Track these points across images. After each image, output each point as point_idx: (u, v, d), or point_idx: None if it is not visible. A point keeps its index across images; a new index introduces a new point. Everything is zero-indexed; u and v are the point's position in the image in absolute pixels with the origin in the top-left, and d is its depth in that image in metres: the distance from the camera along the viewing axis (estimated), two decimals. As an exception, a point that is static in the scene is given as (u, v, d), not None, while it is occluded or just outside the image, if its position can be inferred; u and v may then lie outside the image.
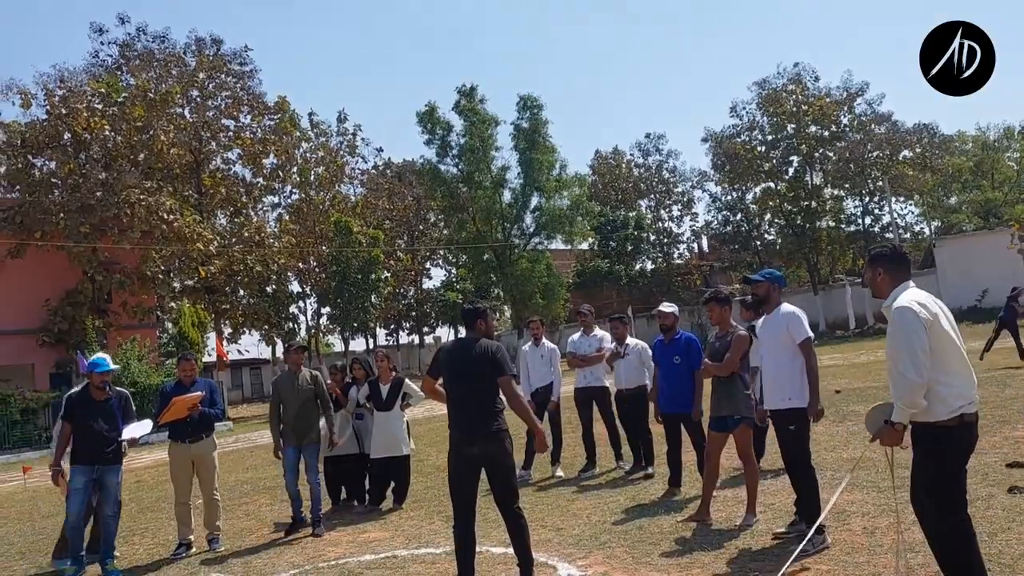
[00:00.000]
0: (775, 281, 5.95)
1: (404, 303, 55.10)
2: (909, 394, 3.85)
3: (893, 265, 4.24)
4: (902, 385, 3.87)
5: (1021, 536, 5.02)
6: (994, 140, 62.08)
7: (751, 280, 6.07)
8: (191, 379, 7.76)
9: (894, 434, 3.96)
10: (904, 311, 3.94)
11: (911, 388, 3.84)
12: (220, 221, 36.06)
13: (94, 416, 7.08)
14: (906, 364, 3.86)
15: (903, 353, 3.88)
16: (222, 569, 6.67)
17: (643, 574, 5.26)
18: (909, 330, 3.90)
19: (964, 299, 35.34)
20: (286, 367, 8.34)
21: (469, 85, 41.32)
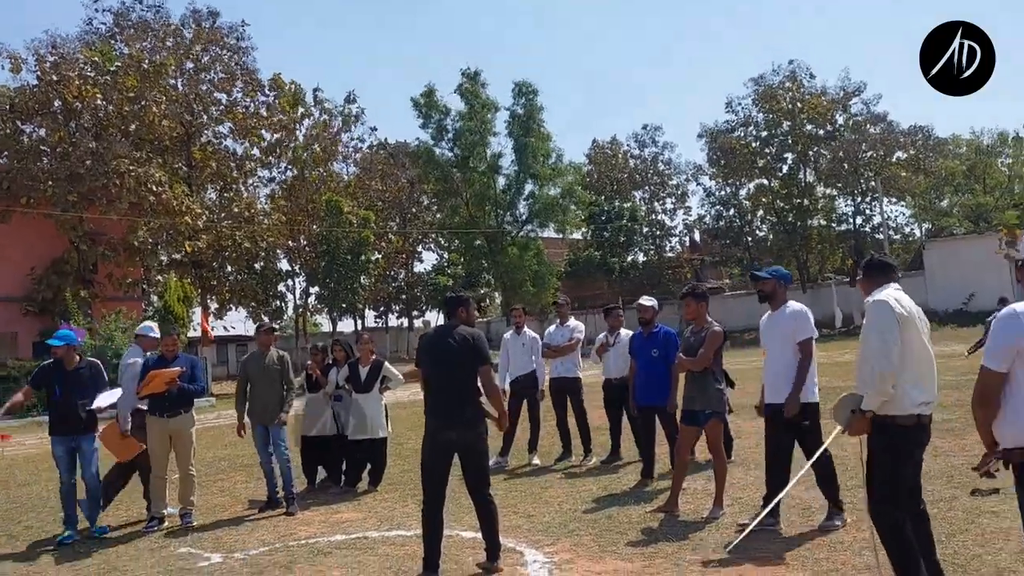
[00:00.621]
0: (781, 279, 6.10)
1: (394, 286, 55.02)
2: (879, 382, 3.98)
3: (873, 271, 4.44)
4: (873, 373, 4.00)
5: (977, 538, 5.10)
6: (988, 145, 62.27)
7: (758, 277, 6.18)
8: (173, 354, 7.77)
9: (862, 423, 4.08)
10: (880, 304, 4.10)
11: (881, 376, 3.97)
12: (209, 195, 35.85)
13: (66, 386, 7.20)
14: (878, 353, 4.00)
15: (875, 342, 4.03)
16: (192, 543, 6.70)
17: (607, 562, 5.32)
18: (883, 321, 4.05)
19: (951, 302, 35.60)
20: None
21: (474, 68, 41.10)
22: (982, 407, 3.12)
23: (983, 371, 3.09)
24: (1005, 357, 3.03)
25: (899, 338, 4.01)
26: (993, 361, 3.06)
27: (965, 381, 12.88)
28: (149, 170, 28.61)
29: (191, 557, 6.26)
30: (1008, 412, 3.10)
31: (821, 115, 43.13)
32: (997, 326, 3.11)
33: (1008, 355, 3.03)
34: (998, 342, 3.06)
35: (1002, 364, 3.04)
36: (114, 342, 23.46)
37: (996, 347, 3.06)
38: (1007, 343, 3.03)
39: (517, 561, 5.49)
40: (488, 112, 41.15)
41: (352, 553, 6.00)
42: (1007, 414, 3.10)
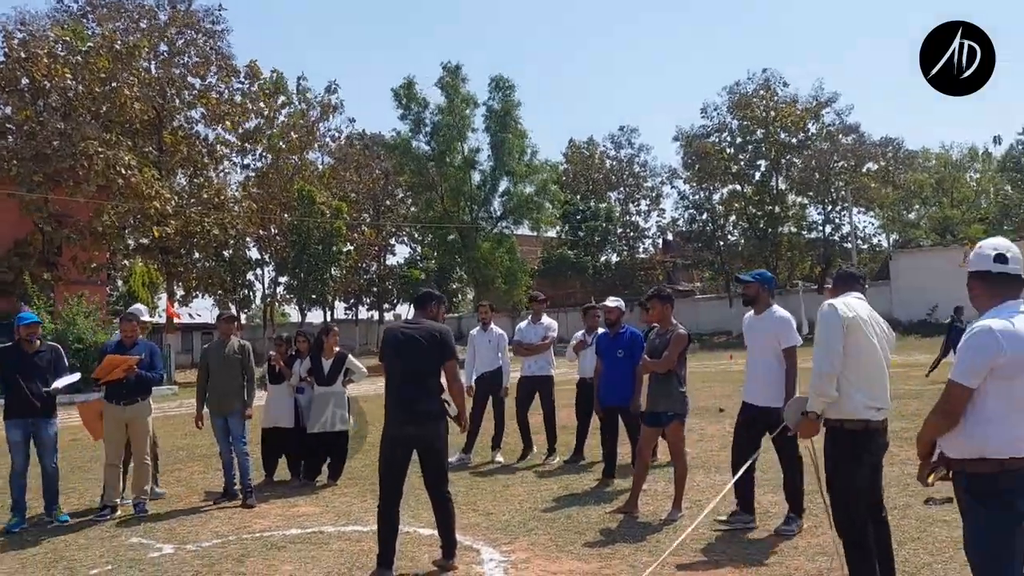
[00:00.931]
0: (765, 283, 6.10)
1: (365, 278, 54.65)
2: (821, 383, 4.06)
3: (838, 281, 4.55)
4: (815, 374, 4.10)
5: (928, 546, 5.16)
6: (957, 159, 63.35)
7: (742, 280, 6.19)
8: (132, 340, 7.64)
9: (810, 425, 4.17)
10: (827, 307, 4.18)
11: (822, 377, 4.06)
12: (179, 181, 35.30)
13: (25, 369, 7.08)
14: (820, 355, 4.09)
15: (819, 344, 4.12)
16: (144, 534, 6.58)
17: (564, 562, 5.30)
18: (827, 324, 4.13)
19: (915, 312, 36.14)
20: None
21: (455, 63, 40.93)
22: (947, 419, 3.12)
23: (955, 386, 3.08)
24: (980, 374, 3.04)
25: (843, 342, 4.06)
26: (967, 378, 3.06)
27: (926, 391, 13.09)
28: (119, 153, 28.10)
29: (142, 547, 6.15)
30: (964, 425, 3.11)
31: (794, 124, 43.54)
32: (973, 343, 3.07)
33: (983, 373, 3.03)
34: (976, 360, 3.04)
35: (975, 381, 3.05)
36: (76, 326, 23.02)
37: (973, 365, 3.05)
38: (984, 361, 3.03)
39: (473, 559, 5.45)
40: (467, 107, 41.00)
41: (306, 548, 5.93)
42: (964, 427, 3.11)
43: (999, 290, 3.21)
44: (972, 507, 3.14)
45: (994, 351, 3.01)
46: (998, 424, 3.05)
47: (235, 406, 7.70)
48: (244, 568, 5.48)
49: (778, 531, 5.70)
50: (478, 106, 41.13)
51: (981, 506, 3.10)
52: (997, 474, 3.05)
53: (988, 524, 3.08)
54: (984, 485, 3.08)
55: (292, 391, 8.66)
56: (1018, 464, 3.05)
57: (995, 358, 3.02)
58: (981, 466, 3.08)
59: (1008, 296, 3.19)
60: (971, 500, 3.14)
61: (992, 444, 3.05)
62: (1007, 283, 3.21)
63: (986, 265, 3.22)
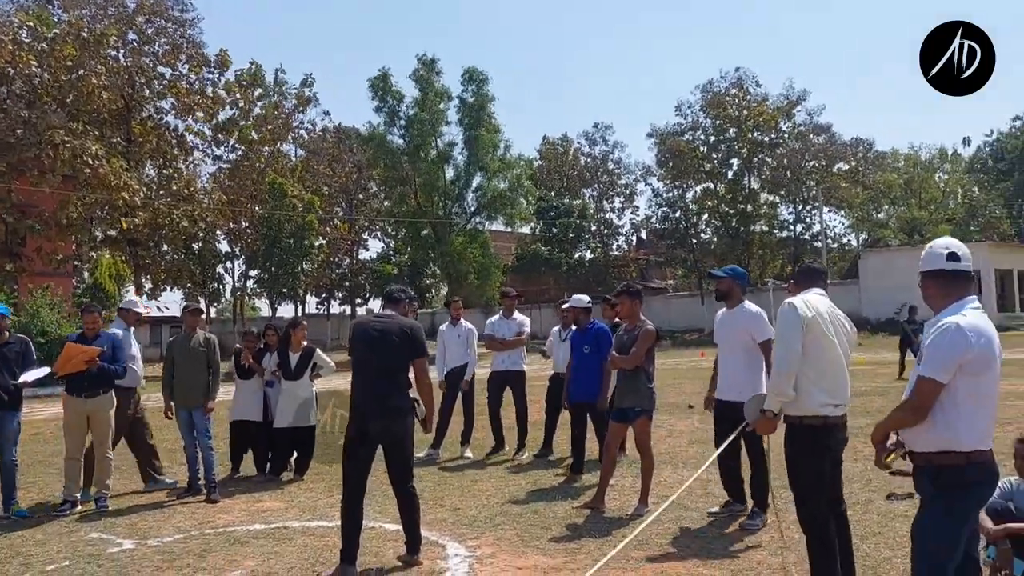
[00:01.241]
0: (738, 278, 6.17)
1: (338, 272, 54.27)
2: (779, 382, 4.09)
3: (802, 277, 4.56)
4: (774, 372, 4.15)
5: (890, 541, 5.22)
6: (925, 160, 64.33)
7: (715, 276, 6.25)
8: (94, 332, 7.51)
9: (768, 423, 4.19)
10: (786, 305, 4.19)
11: (780, 375, 4.09)
12: (148, 172, 34.75)
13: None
14: (778, 354, 4.14)
15: (778, 343, 4.19)
16: (104, 529, 6.47)
17: (529, 557, 5.29)
18: (786, 323, 4.15)
19: (883, 311, 36.61)
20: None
21: (431, 55, 40.67)
22: (916, 415, 3.15)
23: (927, 382, 3.11)
24: (951, 370, 3.08)
25: (801, 340, 4.07)
26: (939, 373, 3.10)
27: (892, 388, 13.27)
28: (86, 142, 27.58)
29: (101, 543, 6.04)
30: (933, 419, 3.16)
31: (767, 122, 43.93)
32: (944, 340, 3.11)
33: (954, 368, 3.08)
34: (948, 356, 3.09)
35: (947, 377, 3.09)
36: (40, 318, 22.63)
37: (945, 361, 3.09)
38: (955, 357, 3.07)
39: (438, 555, 5.42)
40: (441, 101, 40.80)
41: (269, 543, 5.86)
42: (933, 421, 3.16)
43: (953, 288, 3.25)
44: (935, 498, 3.19)
45: (964, 347, 3.07)
46: (967, 418, 3.11)
47: (200, 400, 7.60)
48: (206, 563, 5.40)
49: (743, 526, 5.75)
50: (451, 99, 40.99)
51: (944, 497, 3.15)
52: (963, 466, 3.12)
53: (947, 514, 3.15)
54: (950, 477, 3.14)
55: (262, 385, 8.56)
56: (982, 456, 3.14)
57: (964, 354, 3.07)
58: (948, 459, 3.13)
59: (962, 293, 3.24)
60: (936, 492, 3.18)
61: (961, 437, 3.11)
62: (960, 281, 3.26)
63: (939, 264, 3.26)
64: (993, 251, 38.24)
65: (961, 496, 3.14)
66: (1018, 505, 4.59)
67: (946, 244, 3.32)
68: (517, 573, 4.96)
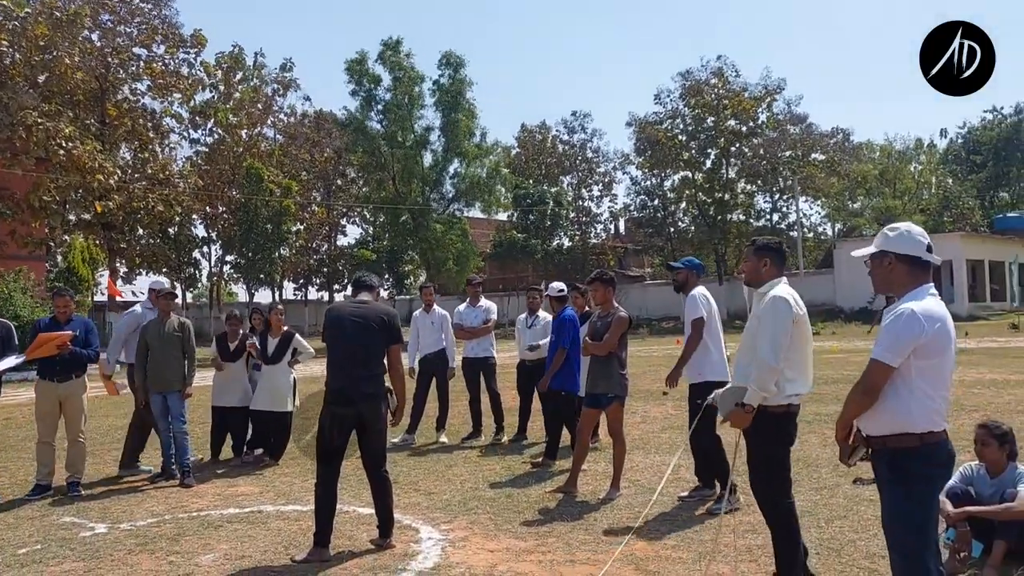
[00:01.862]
0: (693, 268, 6.40)
1: (315, 258, 53.95)
2: (766, 378, 4.08)
3: (779, 259, 4.48)
4: (762, 368, 4.09)
5: (854, 524, 5.33)
6: (900, 150, 64.95)
7: (672, 267, 6.48)
8: (66, 316, 7.46)
9: (743, 416, 4.15)
10: (780, 301, 4.20)
11: (767, 371, 4.08)
12: (123, 155, 34.29)
13: None
14: (767, 349, 4.10)
15: (767, 338, 4.13)
16: (77, 513, 6.45)
17: (501, 540, 5.36)
18: (779, 318, 4.16)
19: (857, 300, 37.08)
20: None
21: (395, 38, 40.36)
22: (867, 397, 3.22)
23: (877, 364, 3.17)
24: (903, 353, 3.14)
25: (790, 336, 4.14)
26: (889, 356, 3.15)
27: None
28: (59, 124, 27.15)
29: (74, 527, 6.03)
30: (887, 402, 3.21)
31: (745, 111, 44.07)
32: (897, 324, 3.16)
33: (906, 352, 3.13)
34: (899, 339, 3.14)
35: (897, 360, 3.15)
36: (12, 302, 22.32)
37: (896, 344, 3.14)
38: (907, 341, 3.13)
39: (411, 538, 5.47)
40: (415, 85, 40.54)
41: (243, 527, 5.88)
42: (887, 404, 3.21)
43: (920, 276, 3.31)
44: (893, 482, 3.24)
45: (918, 332, 3.12)
46: (920, 400, 3.17)
47: (175, 384, 7.57)
48: (179, 547, 5.42)
49: (710, 511, 5.83)
50: (423, 80, 40.71)
51: (902, 481, 3.21)
52: (917, 448, 3.18)
53: (908, 498, 3.20)
54: (905, 459, 3.20)
55: (246, 370, 8.58)
56: (935, 438, 3.20)
57: (918, 338, 3.12)
58: (902, 441, 3.19)
59: (925, 281, 3.30)
60: (892, 475, 3.24)
61: (914, 419, 3.17)
62: (928, 271, 3.32)
63: (919, 252, 3.30)
64: (965, 242, 38.76)
65: (917, 479, 3.19)
66: (978, 489, 4.72)
67: (923, 233, 3.35)
68: (489, 556, 5.02)
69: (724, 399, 4.25)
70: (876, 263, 3.38)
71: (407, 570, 4.80)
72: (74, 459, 7.31)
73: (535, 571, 4.72)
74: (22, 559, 5.25)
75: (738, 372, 4.47)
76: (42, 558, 5.26)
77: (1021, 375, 13.14)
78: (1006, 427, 4.82)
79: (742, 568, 4.60)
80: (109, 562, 5.13)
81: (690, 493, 6.26)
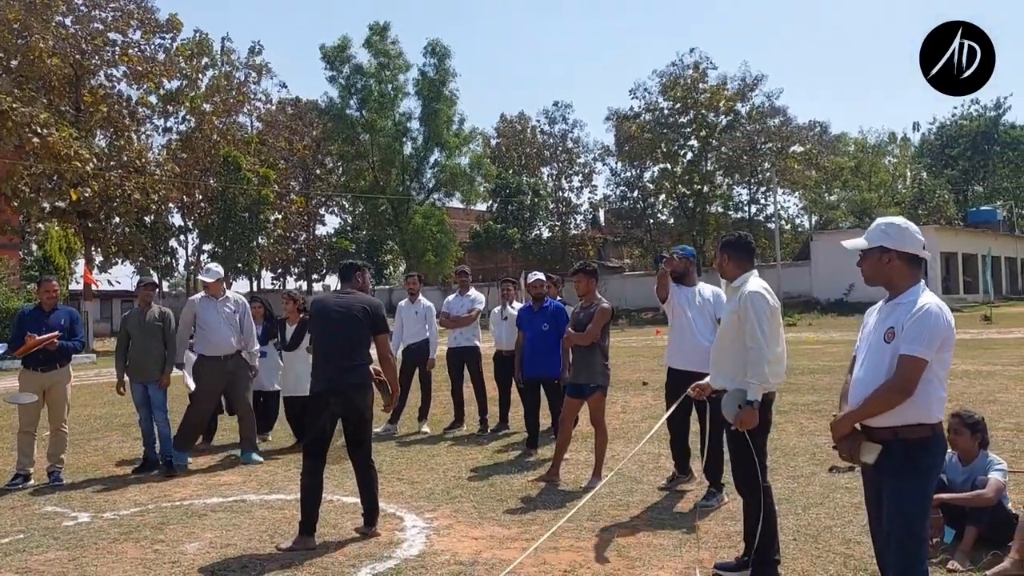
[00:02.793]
0: (688, 257, 6.35)
1: (294, 248, 53.67)
2: (763, 371, 4.20)
3: (741, 253, 4.59)
4: (763, 364, 4.20)
5: (831, 511, 5.45)
6: (874, 144, 65.63)
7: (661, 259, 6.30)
8: (52, 305, 7.42)
9: (751, 414, 4.20)
10: (760, 296, 4.31)
11: (763, 364, 4.20)
12: (98, 142, 33.86)
13: None
14: (760, 344, 4.22)
15: (759, 335, 4.24)
16: (59, 502, 6.44)
17: (485, 528, 5.42)
18: (762, 313, 4.28)
19: (833, 292, 37.53)
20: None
21: (382, 23, 40.09)
22: (903, 394, 3.16)
23: (915, 359, 3.14)
24: (936, 348, 3.17)
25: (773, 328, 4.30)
26: (927, 351, 3.15)
27: (838, 366, 13.66)
28: (34, 110, 26.75)
29: (56, 516, 6.02)
30: None
31: (724, 104, 44.32)
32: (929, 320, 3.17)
33: (937, 346, 3.17)
34: (934, 334, 3.16)
35: (932, 354, 3.16)
36: (-13, 291, 22.07)
37: (932, 339, 3.15)
38: (938, 335, 3.17)
39: (396, 526, 5.52)
40: (399, 72, 40.34)
41: (227, 515, 5.90)
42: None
43: (917, 272, 3.36)
44: (905, 472, 3.21)
45: (944, 325, 3.19)
46: (937, 391, 3.22)
47: (155, 374, 7.55)
48: (163, 535, 5.43)
49: (698, 506, 5.89)
50: (409, 68, 40.52)
51: (915, 471, 3.21)
52: (930, 437, 3.22)
53: (921, 487, 3.22)
54: (919, 449, 3.21)
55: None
56: (941, 428, 3.28)
57: (944, 331, 3.19)
58: (917, 431, 3.20)
59: (921, 277, 3.38)
60: (907, 465, 3.21)
61: (931, 410, 3.21)
62: (921, 267, 3.40)
63: (917, 249, 3.34)
64: (939, 234, 39.31)
65: (928, 468, 3.24)
66: (950, 477, 4.85)
67: (918, 230, 3.40)
68: (473, 543, 5.08)
69: (727, 406, 4.27)
70: (873, 258, 3.38)
71: (392, 557, 4.86)
72: (56, 448, 7.29)
73: (519, 558, 4.79)
74: (5, 548, 5.24)
75: (714, 367, 4.59)
76: (25, 547, 5.26)
77: (992, 366, 13.41)
78: (978, 416, 4.95)
79: (722, 554, 4.70)
80: (94, 551, 5.13)
81: (667, 483, 6.32)
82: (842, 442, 3.37)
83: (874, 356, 3.30)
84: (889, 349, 3.23)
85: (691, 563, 4.58)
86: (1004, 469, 4.80)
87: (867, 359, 3.35)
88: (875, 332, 3.35)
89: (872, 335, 3.37)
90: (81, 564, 4.89)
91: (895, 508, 3.22)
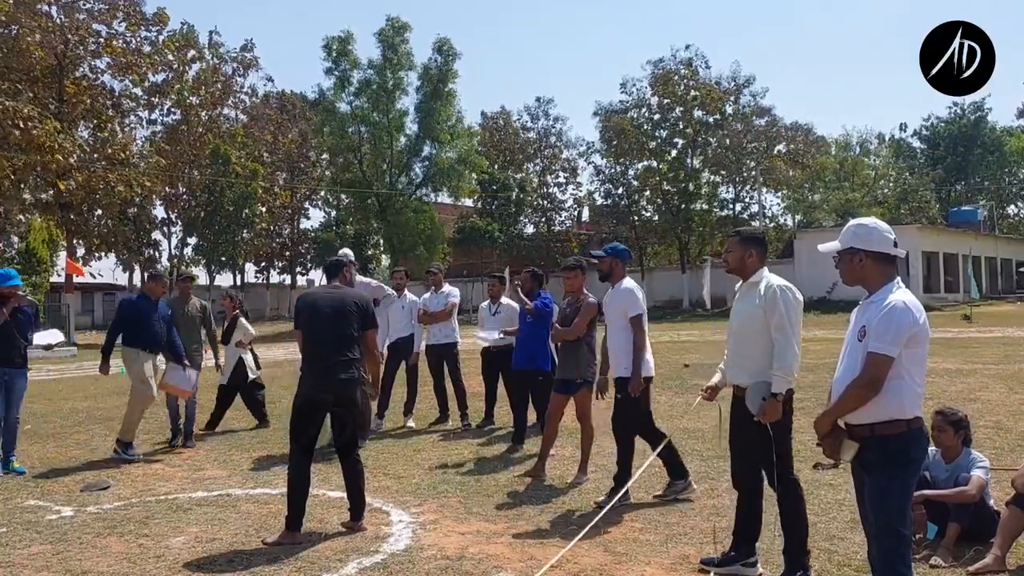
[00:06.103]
0: (618, 256, 6.18)
1: (278, 241, 53.38)
2: (793, 365, 4.23)
3: (764, 250, 4.57)
4: (790, 357, 4.21)
5: (814, 507, 5.47)
6: (857, 144, 66.14)
7: (595, 255, 6.27)
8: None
9: (776, 406, 4.19)
10: (789, 290, 4.34)
11: (794, 358, 4.23)
12: (81, 134, 33.50)
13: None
14: (789, 336, 4.23)
15: (788, 328, 4.25)
16: (42, 496, 6.39)
17: (471, 523, 5.43)
18: (794, 308, 4.31)
19: (816, 290, 37.73)
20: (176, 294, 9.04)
21: (403, 20, 39.96)
22: (872, 390, 3.22)
23: (879, 356, 3.20)
24: (901, 344, 3.21)
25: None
26: (892, 348, 3.20)
27: (821, 364, 13.75)
28: (18, 103, 26.40)
29: (39, 510, 5.98)
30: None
31: (713, 102, 44.40)
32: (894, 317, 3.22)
33: (903, 343, 3.21)
34: (899, 331, 3.20)
35: (897, 351, 3.21)
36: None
37: (897, 335, 3.20)
38: (904, 332, 3.21)
39: (382, 521, 5.52)
40: (404, 69, 40.18)
41: (212, 510, 5.88)
42: (880, 392, 3.28)
43: (891, 270, 3.40)
44: (884, 467, 3.26)
45: (911, 322, 3.22)
46: (909, 387, 3.25)
47: (194, 360, 8.35)
48: (148, 530, 5.40)
49: (665, 493, 5.93)
50: (414, 68, 40.40)
51: (893, 465, 3.25)
52: (905, 432, 3.25)
53: (899, 481, 3.27)
54: (895, 444, 3.25)
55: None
56: (919, 423, 3.30)
57: (911, 328, 3.22)
58: (892, 427, 3.25)
59: (895, 274, 3.41)
60: (884, 461, 3.26)
61: (904, 406, 3.25)
62: (894, 264, 3.43)
63: (887, 248, 3.38)
64: (921, 234, 39.66)
65: (907, 463, 3.28)
66: (933, 474, 4.90)
67: (889, 229, 3.43)
68: (459, 538, 5.09)
69: (751, 399, 4.27)
70: (846, 259, 3.44)
71: (379, 552, 4.85)
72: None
73: (506, 553, 4.80)
74: (-13, 542, 5.20)
75: (732, 361, 4.53)
76: (8, 541, 5.21)
77: (973, 364, 13.56)
78: (961, 414, 5.00)
79: (707, 550, 4.73)
80: (78, 545, 5.10)
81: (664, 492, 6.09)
82: (824, 439, 3.42)
83: (851, 355, 3.38)
84: (861, 347, 3.30)
85: (677, 559, 4.60)
86: (987, 466, 4.86)
87: (845, 358, 3.43)
88: (852, 331, 3.43)
89: (849, 334, 3.44)
90: (65, 558, 4.86)
91: (875, 503, 3.30)
